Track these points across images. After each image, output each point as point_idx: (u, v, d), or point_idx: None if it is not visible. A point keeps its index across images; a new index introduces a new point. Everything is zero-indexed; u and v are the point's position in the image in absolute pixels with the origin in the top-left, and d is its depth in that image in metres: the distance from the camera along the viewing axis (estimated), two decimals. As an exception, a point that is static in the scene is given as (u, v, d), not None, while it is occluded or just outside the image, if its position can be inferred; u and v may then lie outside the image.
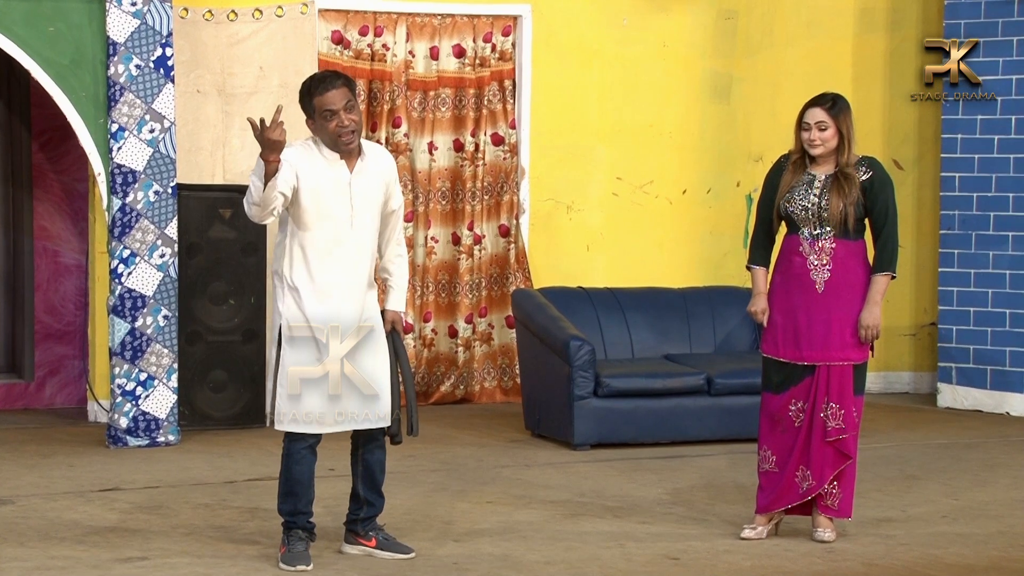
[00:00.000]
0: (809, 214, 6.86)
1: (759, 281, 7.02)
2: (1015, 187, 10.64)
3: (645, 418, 9.32)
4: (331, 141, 6.42)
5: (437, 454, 8.99)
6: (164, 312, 9.14)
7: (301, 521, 6.53)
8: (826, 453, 6.90)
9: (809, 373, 6.90)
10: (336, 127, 6.38)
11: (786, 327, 6.92)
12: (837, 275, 6.86)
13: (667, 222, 11.34)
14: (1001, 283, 10.69)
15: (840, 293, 6.86)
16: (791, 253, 6.93)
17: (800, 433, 6.92)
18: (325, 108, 6.37)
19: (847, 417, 6.87)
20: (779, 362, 6.95)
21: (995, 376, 10.72)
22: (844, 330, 6.86)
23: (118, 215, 9.04)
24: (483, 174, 10.94)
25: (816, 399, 6.88)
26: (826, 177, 6.87)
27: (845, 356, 6.87)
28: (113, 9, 8.95)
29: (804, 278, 6.89)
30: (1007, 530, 7.27)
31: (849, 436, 6.88)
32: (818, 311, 6.86)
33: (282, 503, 6.53)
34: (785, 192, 6.90)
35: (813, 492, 6.93)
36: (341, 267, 6.46)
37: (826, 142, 6.85)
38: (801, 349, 6.89)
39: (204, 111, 10.16)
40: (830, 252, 6.86)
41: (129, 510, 7.48)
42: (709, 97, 11.40)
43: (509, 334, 10.85)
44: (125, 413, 9.10)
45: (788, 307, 6.92)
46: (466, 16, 10.88)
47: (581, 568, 6.53)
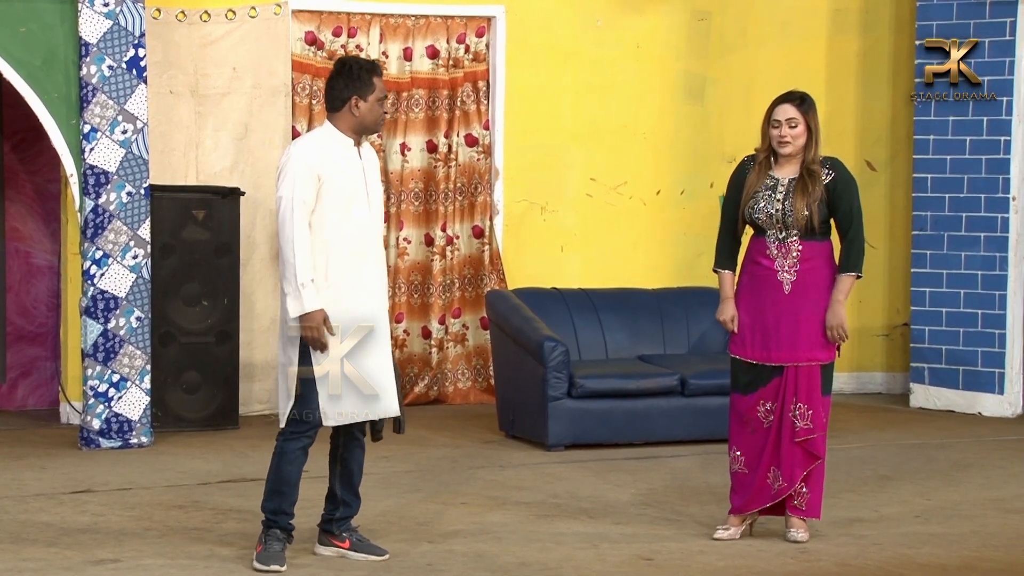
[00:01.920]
0: (774, 220, 6.88)
1: (726, 285, 7.03)
2: (987, 188, 10.68)
3: (619, 419, 9.33)
4: (372, 124, 6.52)
5: (411, 455, 8.98)
6: (137, 313, 9.11)
7: (283, 521, 6.53)
8: (795, 453, 6.91)
9: (777, 374, 6.92)
10: (384, 113, 6.56)
11: (754, 328, 6.94)
12: (804, 276, 6.88)
13: (641, 223, 11.35)
14: (973, 284, 10.73)
15: (807, 294, 6.88)
16: (758, 255, 6.95)
17: (770, 434, 6.94)
18: (384, 92, 6.53)
19: (815, 417, 6.89)
20: (747, 363, 6.97)
21: (967, 376, 10.76)
22: (811, 331, 6.88)
23: (90, 216, 9.01)
24: (456, 175, 10.93)
25: (785, 400, 6.90)
26: (789, 180, 6.89)
27: (812, 356, 6.89)
28: (85, 10, 8.92)
29: (771, 279, 6.90)
30: (979, 530, 7.30)
31: (818, 436, 6.90)
32: (785, 312, 6.88)
33: (267, 501, 6.53)
34: (749, 198, 6.92)
35: (784, 493, 6.94)
36: (370, 256, 6.52)
37: (796, 139, 6.86)
38: (769, 350, 6.91)
39: (177, 112, 10.13)
40: (796, 254, 6.89)
41: (101, 512, 7.46)
42: (683, 98, 11.42)
43: (483, 335, 10.85)
44: (98, 415, 9.07)
45: (756, 308, 6.94)
46: (440, 17, 10.87)
47: (555, 569, 6.53)
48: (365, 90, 6.45)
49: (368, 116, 6.48)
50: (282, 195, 6.38)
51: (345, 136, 6.49)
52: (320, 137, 6.51)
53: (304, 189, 6.36)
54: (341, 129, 6.49)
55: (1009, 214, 10.62)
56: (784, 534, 7.02)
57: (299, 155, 6.41)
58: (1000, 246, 10.63)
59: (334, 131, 6.50)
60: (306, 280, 6.33)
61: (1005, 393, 10.64)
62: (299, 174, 6.36)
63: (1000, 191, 10.64)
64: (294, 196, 6.34)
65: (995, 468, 8.84)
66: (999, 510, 7.73)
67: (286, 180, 6.38)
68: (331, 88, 6.50)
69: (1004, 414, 10.62)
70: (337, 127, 6.50)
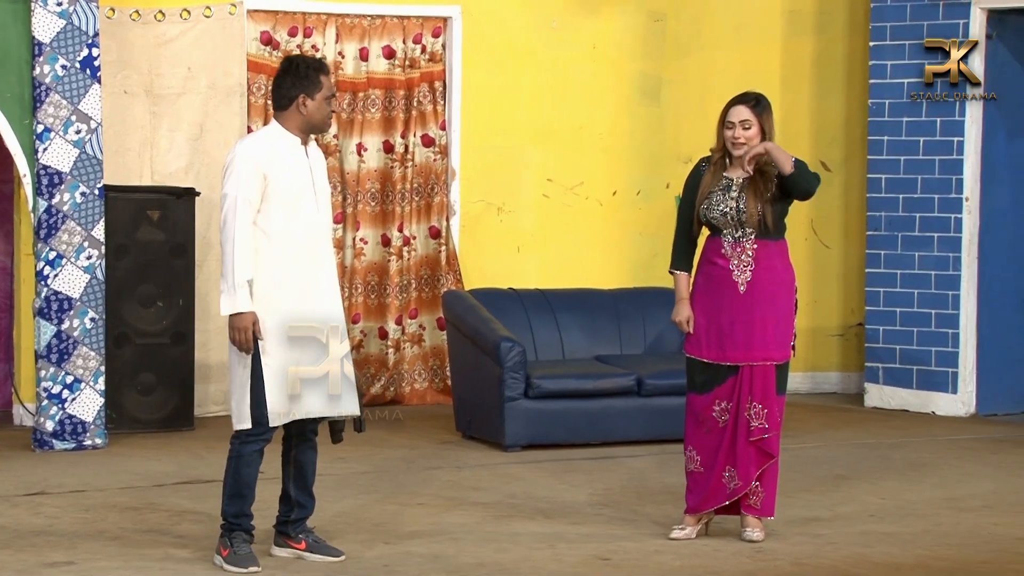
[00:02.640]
0: (728, 218, 6.91)
1: (681, 286, 7.05)
2: (940, 189, 10.75)
3: (576, 419, 9.34)
4: (320, 123, 6.49)
5: (368, 456, 8.96)
6: (91, 315, 9.06)
7: (245, 523, 6.51)
8: (750, 453, 6.94)
9: (732, 373, 6.95)
10: (332, 112, 6.54)
11: (709, 328, 6.96)
12: (759, 275, 6.91)
13: (597, 223, 11.37)
14: (927, 284, 10.79)
15: (762, 293, 6.91)
16: (714, 256, 6.98)
17: (725, 433, 6.96)
18: (332, 90, 6.50)
19: (770, 416, 6.92)
20: (703, 362, 7.00)
21: (921, 376, 10.83)
22: (766, 330, 6.91)
23: (44, 217, 8.95)
24: (413, 175, 10.92)
25: (740, 399, 6.93)
26: (743, 180, 6.92)
27: (767, 356, 6.92)
28: (38, 9, 8.86)
29: (726, 279, 6.93)
30: (933, 528, 7.35)
31: (772, 435, 6.93)
32: (740, 312, 6.91)
33: (228, 505, 6.49)
34: (704, 198, 6.95)
35: (740, 492, 6.96)
36: (321, 256, 6.50)
37: (749, 140, 6.89)
38: (724, 349, 6.94)
39: (131, 112, 10.08)
40: (752, 253, 6.92)
41: (55, 514, 7.41)
42: (639, 99, 11.44)
43: (440, 335, 10.84)
44: (51, 416, 9.01)
45: (711, 308, 6.96)
46: (396, 17, 10.86)
47: (512, 569, 6.53)
48: (312, 88, 6.44)
49: (316, 114, 6.46)
50: (227, 192, 6.34)
51: (292, 135, 6.47)
52: (267, 136, 6.49)
53: (249, 188, 6.32)
54: (288, 128, 6.48)
55: (962, 214, 10.69)
56: (740, 533, 7.04)
57: (245, 153, 6.39)
58: (953, 246, 10.70)
59: (281, 130, 6.48)
60: (243, 280, 6.28)
61: (959, 392, 10.70)
62: (244, 172, 6.33)
63: (953, 191, 10.71)
64: (238, 194, 6.31)
65: (949, 467, 8.90)
66: (953, 509, 7.78)
67: (231, 178, 6.34)
68: (278, 87, 6.49)
69: (958, 413, 10.69)
70: (284, 126, 6.48)
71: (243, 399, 6.40)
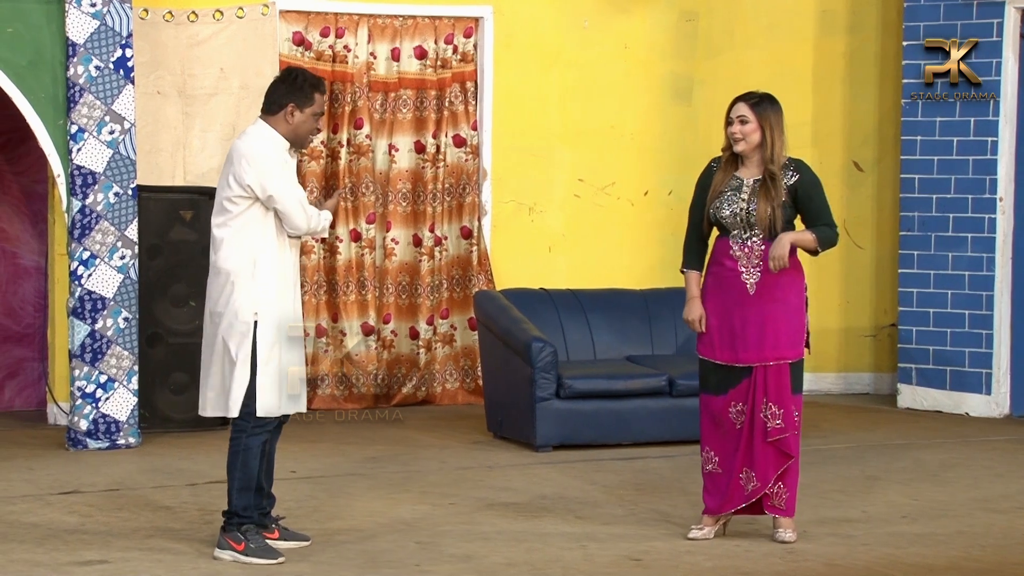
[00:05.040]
0: (738, 219, 6.91)
1: (692, 285, 7.06)
2: (974, 189, 10.70)
3: (607, 419, 9.33)
4: (303, 136, 6.64)
5: (399, 456, 8.98)
6: (124, 314, 9.10)
7: (255, 516, 6.61)
8: (768, 454, 6.93)
9: (746, 375, 6.94)
10: (316, 130, 6.70)
11: (721, 329, 6.96)
12: (767, 276, 6.90)
13: (629, 223, 11.36)
14: (960, 284, 10.75)
15: (771, 294, 6.91)
16: (723, 256, 6.98)
17: (742, 435, 6.96)
18: (322, 108, 6.63)
19: (786, 416, 6.91)
20: (716, 364, 6.99)
21: (954, 377, 10.78)
22: (778, 330, 6.90)
23: (78, 217, 8.99)
24: (444, 176, 10.93)
25: (755, 400, 6.92)
26: (754, 182, 6.93)
27: (779, 355, 6.91)
28: (72, 10, 8.90)
29: (736, 280, 6.93)
30: (966, 530, 7.32)
31: (789, 435, 6.92)
32: (751, 313, 6.91)
33: (238, 499, 6.57)
34: (714, 198, 6.96)
35: (759, 493, 6.95)
36: (294, 257, 6.72)
37: (747, 136, 6.90)
38: (736, 351, 6.93)
39: (164, 112, 10.12)
40: (760, 254, 6.91)
41: (89, 513, 7.44)
42: (670, 99, 11.43)
43: (471, 336, 10.85)
44: (85, 416, 9.05)
45: (722, 310, 6.96)
46: (427, 18, 10.87)
47: (543, 569, 6.53)
48: (304, 102, 6.58)
49: (301, 127, 6.60)
50: (274, 194, 6.49)
51: (283, 139, 6.62)
52: (273, 135, 6.60)
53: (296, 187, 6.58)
54: (278, 131, 6.60)
55: (996, 215, 10.64)
56: (772, 535, 7.03)
57: (270, 152, 6.54)
58: (987, 247, 10.65)
59: (275, 132, 6.60)
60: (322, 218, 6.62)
61: (992, 394, 10.66)
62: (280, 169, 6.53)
63: (987, 192, 10.66)
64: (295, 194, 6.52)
65: (982, 468, 8.86)
66: (986, 510, 7.74)
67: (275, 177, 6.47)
68: (272, 91, 6.64)
69: (991, 414, 10.64)
70: (274, 129, 6.59)
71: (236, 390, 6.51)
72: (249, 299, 6.51)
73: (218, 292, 6.59)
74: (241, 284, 6.51)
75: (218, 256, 6.57)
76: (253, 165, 6.46)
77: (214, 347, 6.61)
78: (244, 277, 6.52)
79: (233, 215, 6.51)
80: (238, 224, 6.53)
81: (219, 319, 6.58)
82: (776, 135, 6.89)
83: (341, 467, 8.63)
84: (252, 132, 6.59)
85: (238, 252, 6.52)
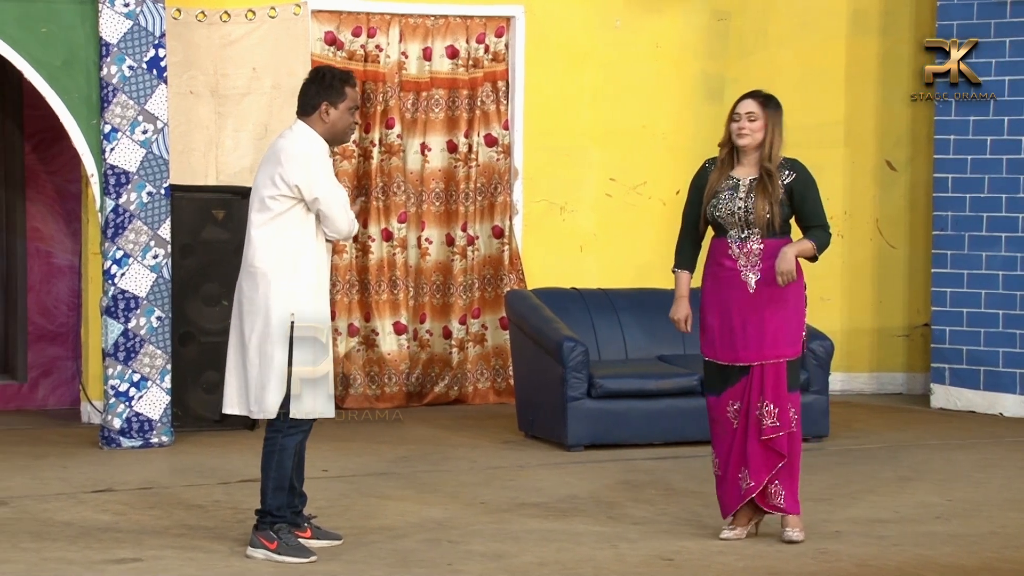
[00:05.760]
0: (736, 218, 6.90)
1: (683, 285, 7.06)
2: (1008, 188, 10.65)
3: (638, 419, 9.32)
4: (342, 133, 6.67)
5: (429, 456, 8.99)
6: (157, 313, 9.13)
7: (289, 516, 6.63)
8: (761, 453, 6.91)
9: (744, 373, 6.93)
10: (355, 123, 6.73)
11: (722, 329, 6.94)
12: (767, 274, 6.90)
13: (660, 223, 11.33)
14: (994, 284, 10.70)
15: (771, 292, 6.89)
16: (721, 256, 6.96)
17: (737, 434, 6.94)
18: (355, 102, 6.65)
19: (782, 415, 6.88)
20: (717, 364, 6.98)
21: (988, 377, 10.73)
22: (777, 329, 6.89)
23: (111, 216, 9.03)
24: (476, 175, 10.94)
25: (751, 399, 6.90)
26: (750, 180, 6.93)
27: (778, 353, 6.90)
28: (106, 10, 8.94)
29: (735, 280, 6.92)
30: (1000, 531, 7.28)
31: (784, 434, 6.89)
32: (751, 312, 6.89)
33: (273, 498, 6.59)
34: (711, 197, 6.95)
35: (752, 493, 6.92)
36: (328, 258, 6.76)
37: (753, 133, 6.90)
38: (736, 350, 6.92)
39: (197, 112, 10.15)
40: (758, 252, 6.90)
41: (122, 511, 7.48)
42: (702, 98, 11.40)
43: (503, 335, 10.85)
44: (118, 414, 9.09)
45: (722, 309, 6.95)
46: (459, 17, 10.88)
47: (574, 569, 6.53)
48: (337, 98, 6.58)
49: (338, 123, 6.61)
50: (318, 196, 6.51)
51: (323, 138, 6.65)
52: (315, 136, 6.61)
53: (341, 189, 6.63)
54: (316, 132, 6.62)
55: (1030, 214, 10.60)
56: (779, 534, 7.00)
57: (321, 152, 6.58)
58: (1021, 246, 10.60)
59: (315, 132, 6.62)
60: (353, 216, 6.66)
61: (1026, 394, 10.62)
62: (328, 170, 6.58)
63: (1021, 191, 10.60)
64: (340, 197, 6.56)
65: (1016, 469, 8.82)
66: (1020, 511, 7.70)
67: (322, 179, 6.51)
68: (304, 93, 6.66)
69: (1025, 415, 10.61)
70: (314, 129, 6.62)
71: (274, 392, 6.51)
72: (286, 300, 6.51)
73: (252, 291, 6.58)
74: (278, 284, 6.52)
75: (255, 255, 6.56)
76: (302, 166, 6.47)
77: (245, 346, 6.60)
78: (281, 278, 6.52)
79: (274, 214, 6.51)
80: (278, 224, 6.53)
81: (254, 319, 6.56)
82: (776, 135, 6.92)
83: (373, 466, 8.65)
84: (297, 132, 6.60)
85: (277, 252, 6.52)
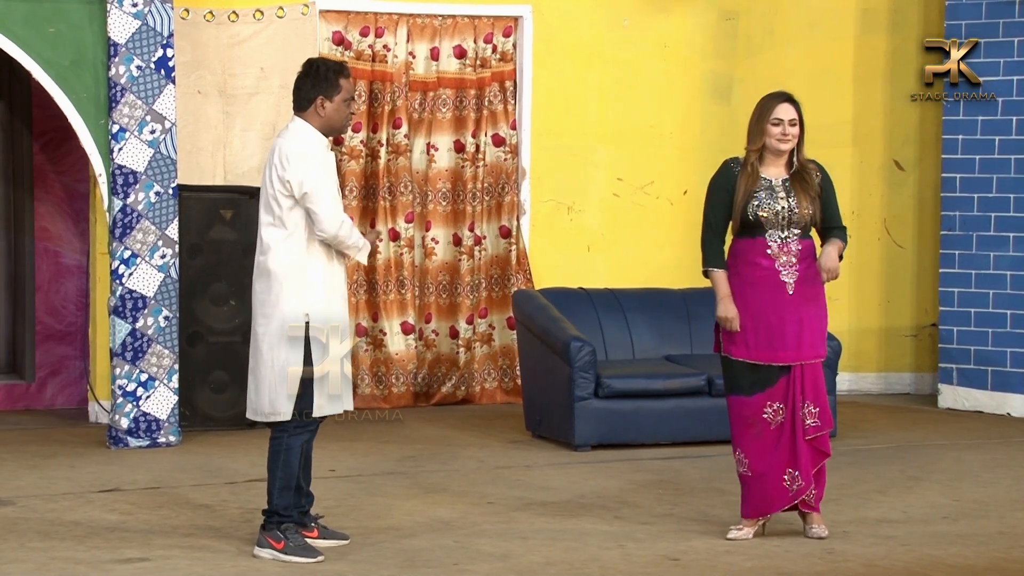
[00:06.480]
0: (780, 218, 6.90)
1: (723, 283, 7.03)
2: (1016, 188, 10.64)
3: (646, 419, 9.32)
4: (339, 125, 6.67)
5: (437, 455, 8.99)
6: (165, 313, 9.14)
7: (295, 515, 6.64)
8: (809, 452, 6.93)
9: (784, 373, 6.93)
10: (351, 114, 6.70)
11: (757, 329, 6.94)
12: (804, 274, 6.92)
13: (668, 223, 11.34)
14: (1002, 284, 10.69)
15: (807, 291, 6.92)
16: (756, 256, 6.95)
17: (782, 435, 6.94)
18: (351, 93, 6.63)
19: (823, 414, 6.92)
20: (751, 364, 6.97)
21: (996, 377, 10.72)
22: (815, 328, 6.93)
23: (119, 216, 9.04)
24: (484, 175, 10.94)
25: (795, 399, 6.91)
26: (783, 180, 6.93)
27: (817, 353, 6.93)
28: (114, 10, 8.95)
29: (774, 280, 6.92)
30: (1008, 531, 7.27)
31: (825, 433, 6.92)
32: (789, 311, 6.90)
33: (279, 498, 6.60)
34: (748, 197, 6.95)
35: (803, 493, 6.94)
36: (339, 256, 6.69)
37: (796, 138, 6.93)
38: (775, 350, 6.92)
39: (205, 112, 10.16)
40: (797, 253, 6.92)
41: (130, 511, 7.49)
42: (710, 98, 11.40)
43: (510, 335, 10.85)
44: (126, 414, 9.10)
45: (757, 309, 6.94)
46: (467, 17, 10.88)
47: (581, 569, 6.53)
48: (331, 91, 6.57)
49: (335, 116, 6.60)
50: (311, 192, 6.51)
51: (321, 133, 6.62)
52: (312, 133, 6.61)
53: (334, 188, 6.59)
54: (313, 127, 6.60)
55: (1038, 214, 10.59)
56: (805, 531, 7.01)
57: (317, 149, 6.57)
58: (1029, 246, 10.60)
59: (313, 128, 6.61)
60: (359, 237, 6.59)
61: (1034, 394, 10.61)
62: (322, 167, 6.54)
63: (1029, 191, 10.61)
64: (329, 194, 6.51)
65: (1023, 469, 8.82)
66: (1028, 511, 7.70)
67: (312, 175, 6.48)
68: (298, 88, 6.65)
69: (1033, 415, 10.59)
70: (311, 124, 6.60)
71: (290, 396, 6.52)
72: (299, 300, 6.51)
73: (265, 292, 6.58)
74: (291, 285, 6.52)
75: (267, 257, 6.56)
76: (295, 164, 6.49)
77: (258, 348, 6.60)
78: (294, 279, 6.52)
79: (280, 213, 6.52)
80: (286, 224, 6.54)
81: (268, 320, 6.56)
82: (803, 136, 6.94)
83: (380, 466, 8.65)
84: (292, 129, 6.61)
85: (288, 254, 6.53)
